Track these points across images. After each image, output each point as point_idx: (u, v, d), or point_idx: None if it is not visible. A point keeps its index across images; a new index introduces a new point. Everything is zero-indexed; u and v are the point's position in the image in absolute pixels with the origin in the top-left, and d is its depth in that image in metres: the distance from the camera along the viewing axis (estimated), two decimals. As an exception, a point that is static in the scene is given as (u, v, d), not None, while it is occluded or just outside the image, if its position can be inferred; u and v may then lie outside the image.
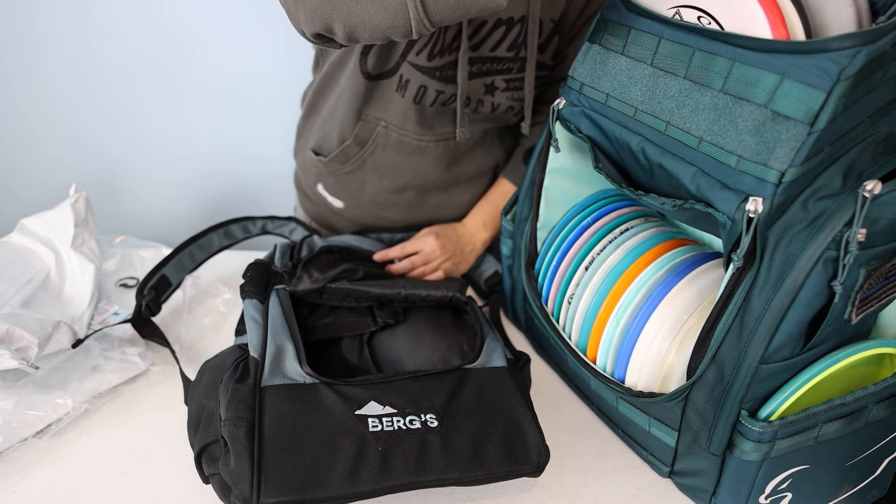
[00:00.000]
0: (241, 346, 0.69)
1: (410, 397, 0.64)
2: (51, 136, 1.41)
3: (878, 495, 0.65)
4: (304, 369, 0.65)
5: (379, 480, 0.57)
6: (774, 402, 0.55)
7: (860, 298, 0.51)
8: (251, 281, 0.80)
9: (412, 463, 0.59)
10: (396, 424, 0.61)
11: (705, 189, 0.52)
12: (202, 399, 0.65)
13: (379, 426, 0.61)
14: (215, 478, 0.60)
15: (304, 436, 0.59)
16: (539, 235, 0.76)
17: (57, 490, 0.64)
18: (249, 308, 0.74)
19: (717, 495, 0.61)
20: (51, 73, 1.33)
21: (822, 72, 0.45)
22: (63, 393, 0.71)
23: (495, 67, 0.83)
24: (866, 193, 0.46)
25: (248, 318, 0.72)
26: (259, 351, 0.66)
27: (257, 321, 0.72)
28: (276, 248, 0.88)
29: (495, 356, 0.71)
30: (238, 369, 0.64)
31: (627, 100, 0.59)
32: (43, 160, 1.44)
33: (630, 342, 0.63)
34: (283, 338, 0.69)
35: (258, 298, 0.77)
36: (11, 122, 1.38)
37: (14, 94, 1.35)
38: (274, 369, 0.65)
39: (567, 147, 0.70)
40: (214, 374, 0.67)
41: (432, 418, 0.62)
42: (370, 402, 0.63)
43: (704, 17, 0.54)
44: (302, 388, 0.63)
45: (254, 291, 0.78)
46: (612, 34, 0.61)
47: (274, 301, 0.76)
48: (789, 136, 0.47)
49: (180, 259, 0.91)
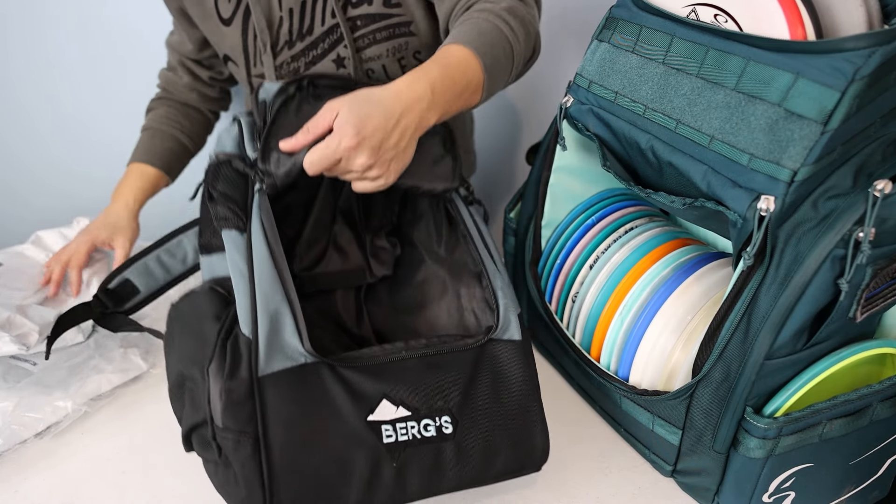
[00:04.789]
0: (219, 293, 0.58)
1: (425, 394, 0.57)
2: (61, 140, 1.40)
3: (880, 496, 0.65)
4: (305, 347, 0.55)
5: (393, 499, 0.56)
6: (779, 398, 0.55)
7: (866, 297, 0.52)
8: (226, 197, 0.60)
9: (426, 477, 0.57)
10: (411, 432, 0.56)
11: (716, 187, 0.52)
12: (178, 365, 0.57)
13: (393, 436, 0.56)
14: (209, 465, 0.56)
15: (315, 452, 0.54)
16: (543, 233, 0.76)
17: (59, 490, 0.63)
18: (231, 247, 0.58)
19: (721, 494, 0.61)
20: (62, 80, 1.32)
21: (837, 71, 0.45)
22: (64, 394, 0.71)
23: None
24: (877, 193, 0.47)
25: (232, 267, 0.57)
26: (250, 326, 0.54)
27: (243, 273, 0.56)
28: (239, 126, 0.64)
29: (512, 322, 0.62)
30: (227, 354, 0.53)
31: (637, 98, 0.59)
32: (54, 166, 1.43)
33: (634, 340, 0.64)
34: (278, 301, 0.55)
35: (238, 227, 0.58)
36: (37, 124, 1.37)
37: (21, 98, 1.34)
38: (271, 348, 0.54)
39: (573, 145, 0.70)
40: (189, 332, 0.57)
41: (447, 422, 0.57)
42: (382, 400, 0.56)
43: (721, 14, 0.54)
44: (304, 374, 0.55)
45: (232, 216, 0.59)
46: (623, 32, 0.62)
47: (257, 233, 0.58)
48: (802, 135, 0.47)
49: (145, 264, 0.74)
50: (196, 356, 0.56)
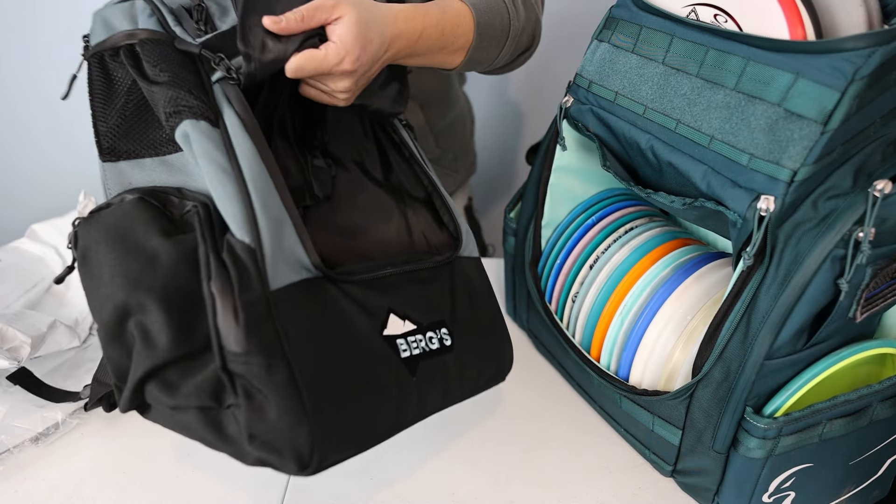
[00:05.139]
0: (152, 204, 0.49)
1: (422, 308, 0.56)
2: (54, 143, 1.40)
3: (880, 496, 0.65)
4: (311, 259, 0.49)
5: (417, 416, 0.54)
6: (779, 398, 0.55)
7: (866, 297, 0.52)
8: (179, 82, 0.49)
9: (439, 390, 0.56)
10: (420, 346, 0.55)
11: (716, 187, 0.52)
12: (116, 296, 0.47)
13: (408, 350, 0.54)
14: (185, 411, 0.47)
15: (345, 373, 0.49)
16: (543, 233, 0.76)
17: (59, 489, 0.63)
18: (204, 142, 0.47)
19: (721, 494, 0.61)
20: (53, 80, 1.31)
21: (837, 71, 0.45)
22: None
23: None
24: (877, 193, 0.47)
25: (209, 165, 0.47)
26: (251, 231, 0.45)
27: (227, 171, 0.47)
28: (157, 6, 0.53)
29: (471, 240, 0.64)
30: (227, 266, 0.45)
31: (637, 98, 0.59)
32: (48, 167, 1.43)
33: (634, 340, 0.64)
34: (278, 205, 0.48)
35: (208, 118, 0.48)
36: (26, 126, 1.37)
37: (15, 100, 1.34)
38: (275, 259, 0.46)
39: (573, 145, 0.70)
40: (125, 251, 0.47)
41: (446, 335, 0.57)
42: (390, 315, 0.53)
43: (721, 14, 0.54)
44: (313, 289, 0.49)
45: (199, 104, 0.48)
46: (622, 33, 0.62)
47: (236, 126, 0.49)
48: (802, 135, 0.47)
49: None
50: (143, 279, 0.46)
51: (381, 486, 0.66)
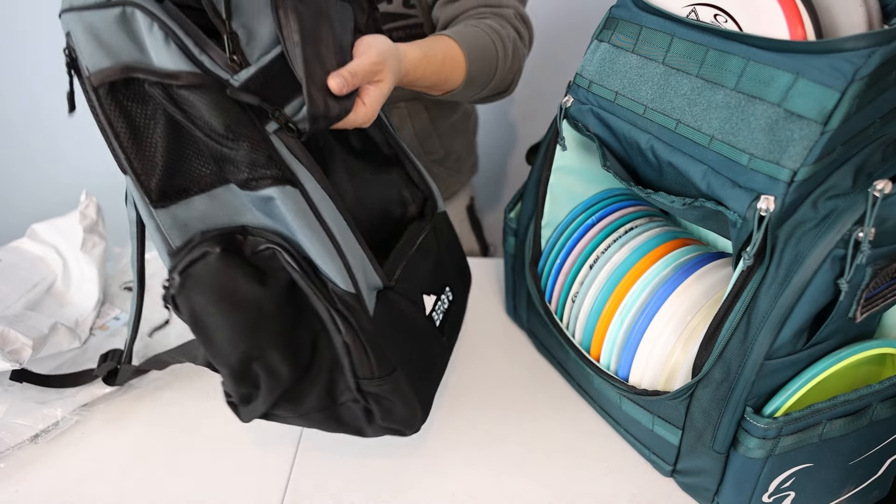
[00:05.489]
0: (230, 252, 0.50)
1: (433, 277, 0.67)
2: (54, 143, 1.40)
3: (880, 496, 0.65)
4: (383, 280, 0.57)
5: (445, 366, 0.70)
6: (779, 398, 0.55)
7: (866, 297, 0.51)
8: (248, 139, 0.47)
9: (453, 337, 0.71)
10: (441, 310, 0.68)
11: (716, 187, 0.52)
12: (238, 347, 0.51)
13: (438, 319, 0.67)
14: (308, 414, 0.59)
15: (422, 359, 0.63)
16: (543, 233, 0.76)
17: (59, 489, 0.63)
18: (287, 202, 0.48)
19: (721, 494, 0.61)
20: (53, 77, 1.32)
21: (837, 71, 0.45)
22: (59, 397, 0.70)
23: None
24: (877, 193, 0.47)
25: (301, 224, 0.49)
26: (353, 283, 0.52)
27: (316, 230, 0.50)
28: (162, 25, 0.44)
29: (439, 196, 0.71)
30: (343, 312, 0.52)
31: (637, 98, 0.59)
32: (48, 167, 1.43)
33: (635, 340, 0.64)
34: (360, 253, 0.54)
35: (290, 180, 0.49)
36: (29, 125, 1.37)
37: (15, 100, 1.34)
38: (366, 289, 0.55)
39: (573, 145, 0.70)
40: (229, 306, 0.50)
41: (449, 291, 0.70)
42: (422, 295, 0.65)
43: (721, 14, 0.54)
44: (386, 301, 0.58)
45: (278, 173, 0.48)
46: (622, 32, 0.62)
47: (309, 180, 0.50)
48: (802, 135, 0.47)
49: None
50: (258, 330, 0.51)
51: (381, 486, 0.66)
